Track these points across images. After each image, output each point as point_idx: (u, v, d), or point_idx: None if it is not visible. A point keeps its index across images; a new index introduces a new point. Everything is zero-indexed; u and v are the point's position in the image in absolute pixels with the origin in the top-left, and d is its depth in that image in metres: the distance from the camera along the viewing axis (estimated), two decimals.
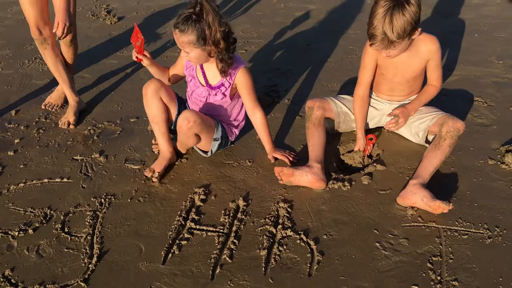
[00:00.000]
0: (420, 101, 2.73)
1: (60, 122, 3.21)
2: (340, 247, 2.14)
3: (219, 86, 2.64)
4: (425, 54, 2.62)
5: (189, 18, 2.36)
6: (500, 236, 2.15)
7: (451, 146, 2.48)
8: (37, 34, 3.00)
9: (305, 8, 5.16)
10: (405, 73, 2.68)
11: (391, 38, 2.33)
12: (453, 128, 2.48)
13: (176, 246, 2.20)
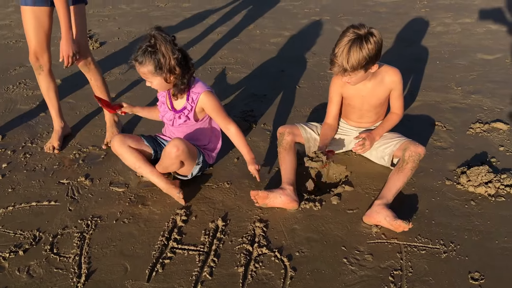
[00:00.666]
0: (383, 128, 2.97)
1: (45, 147, 3.35)
2: (311, 263, 2.34)
3: (182, 110, 2.82)
4: (389, 84, 2.88)
5: (145, 51, 2.58)
6: (454, 251, 2.38)
7: (413, 169, 2.72)
8: (34, 60, 3.17)
9: (280, 34, 5.44)
10: (371, 101, 2.93)
11: (346, 68, 2.59)
12: (415, 153, 2.72)
13: (160, 264, 2.36)
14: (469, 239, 2.45)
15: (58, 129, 3.42)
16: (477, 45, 4.92)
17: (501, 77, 4.18)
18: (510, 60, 4.51)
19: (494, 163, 3.02)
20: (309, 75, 4.39)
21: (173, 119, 2.86)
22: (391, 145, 2.90)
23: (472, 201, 2.71)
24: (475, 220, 2.57)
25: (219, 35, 5.51)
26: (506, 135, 3.32)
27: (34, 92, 4.23)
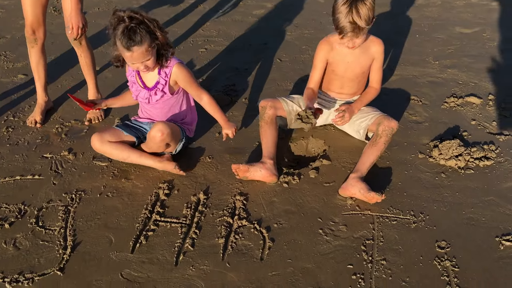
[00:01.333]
0: (362, 101, 3.06)
1: (28, 121, 3.37)
2: (288, 234, 2.46)
3: (155, 86, 2.84)
4: (372, 54, 2.97)
5: (135, 30, 2.52)
6: (423, 221, 2.52)
7: (386, 143, 2.83)
8: (30, 33, 3.17)
9: (263, 6, 5.43)
10: (355, 69, 3.00)
11: (362, 25, 2.68)
12: (388, 127, 2.82)
13: (143, 236, 2.46)
14: (438, 210, 2.58)
15: (42, 103, 3.43)
16: (456, 19, 4.99)
17: (477, 51, 4.28)
18: (487, 34, 4.60)
19: (466, 136, 3.14)
20: (291, 49, 4.42)
21: (149, 97, 2.87)
22: (366, 119, 2.99)
23: (443, 173, 2.84)
24: (445, 192, 2.71)
25: (202, 6, 5.48)
26: (478, 109, 3.44)
27: (14, 64, 4.21)
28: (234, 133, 2.97)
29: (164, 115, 2.95)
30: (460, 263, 2.27)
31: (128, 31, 2.52)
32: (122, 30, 2.52)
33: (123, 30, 2.52)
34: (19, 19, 5.14)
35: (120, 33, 2.53)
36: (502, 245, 2.36)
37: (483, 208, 2.59)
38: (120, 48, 2.57)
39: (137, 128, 3.00)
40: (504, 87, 3.70)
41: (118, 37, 2.54)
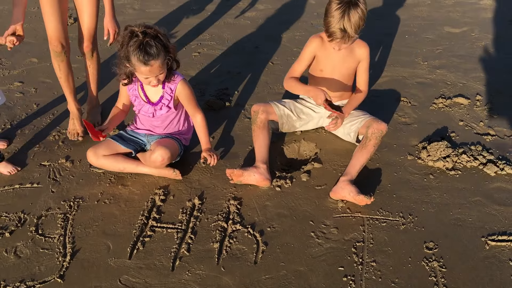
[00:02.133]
0: (351, 104, 3.14)
1: (69, 134, 3.34)
2: (281, 237, 2.54)
3: (159, 101, 2.89)
4: (358, 56, 3.05)
5: (151, 44, 2.54)
6: (412, 222, 2.60)
7: (375, 146, 2.90)
8: (59, 47, 3.09)
9: (255, 8, 5.49)
10: (342, 69, 3.08)
11: (351, 34, 2.77)
12: (377, 130, 2.90)
13: (140, 242, 2.53)
14: (426, 211, 2.67)
15: (78, 113, 3.40)
16: (445, 18, 5.07)
17: (465, 51, 4.36)
18: (475, 34, 4.68)
19: (454, 137, 3.23)
20: (282, 52, 4.49)
21: (153, 112, 2.92)
22: (356, 122, 3.07)
23: (431, 175, 2.92)
24: (433, 193, 2.79)
25: (193, 9, 5.54)
26: (466, 109, 3.52)
27: (10, 72, 4.26)
28: (215, 161, 2.97)
29: (164, 128, 3.01)
30: (447, 263, 2.36)
31: (144, 45, 2.53)
32: (138, 45, 2.53)
33: (139, 45, 2.53)
34: None
35: (135, 48, 2.54)
36: (488, 245, 2.45)
37: (469, 209, 2.67)
38: (136, 63, 2.58)
39: (134, 140, 3.04)
40: (491, 87, 3.79)
41: (134, 52, 2.55)
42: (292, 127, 3.27)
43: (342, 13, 2.74)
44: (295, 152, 3.23)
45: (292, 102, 3.23)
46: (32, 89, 3.96)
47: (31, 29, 5.12)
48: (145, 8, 5.62)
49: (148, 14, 5.40)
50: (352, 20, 2.74)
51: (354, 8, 2.74)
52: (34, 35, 4.97)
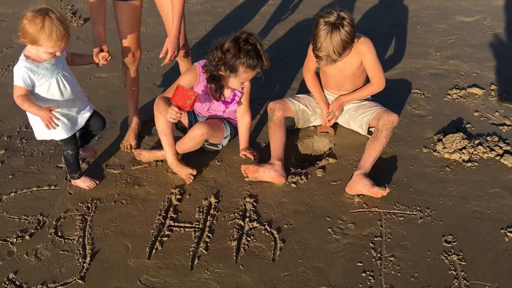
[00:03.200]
0: (352, 96, 3.13)
1: (122, 146, 3.27)
2: (298, 234, 2.54)
3: (233, 98, 3.00)
4: (359, 54, 2.95)
5: (254, 50, 2.69)
6: (429, 216, 2.59)
7: (387, 137, 2.88)
8: (130, 56, 3.10)
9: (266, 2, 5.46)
10: (345, 71, 3.03)
11: (334, 58, 2.73)
12: (388, 121, 2.87)
13: (159, 242, 2.55)
14: (444, 204, 2.65)
15: (136, 126, 3.36)
16: (456, 7, 5.00)
17: (478, 40, 4.31)
18: (488, 22, 4.61)
19: (469, 129, 3.20)
20: (295, 45, 4.47)
21: (225, 108, 3.03)
22: (368, 114, 3.05)
23: (447, 167, 2.90)
24: (450, 185, 2.77)
25: (201, 5, 5.52)
26: (481, 100, 3.49)
27: None
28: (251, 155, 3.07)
29: (226, 116, 3.14)
30: (466, 256, 2.35)
31: (252, 52, 2.68)
32: (247, 52, 2.67)
33: (247, 51, 2.67)
34: None
35: (244, 55, 2.66)
36: (507, 237, 2.44)
37: (487, 201, 2.65)
38: (242, 68, 2.70)
39: (193, 114, 3.12)
40: (505, 76, 3.74)
41: (243, 59, 2.67)
42: (307, 122, 3.27)
43: (325, 37, 2.68)
44: (309, 148, 3.22)
45: (307, 97, 3.23)
46: None
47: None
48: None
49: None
50: (335, 44, 2.68)
51: (337, 32, 2.67)
52: None
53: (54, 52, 2.44)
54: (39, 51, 2.42)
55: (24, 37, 2.38)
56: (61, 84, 2.58)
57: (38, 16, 2.33)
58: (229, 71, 2.74)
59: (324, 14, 2.73)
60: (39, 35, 2.33)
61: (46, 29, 2.33)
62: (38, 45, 2.37)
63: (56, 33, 2.35)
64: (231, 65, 2.71)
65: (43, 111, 2.50)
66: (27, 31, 2.35)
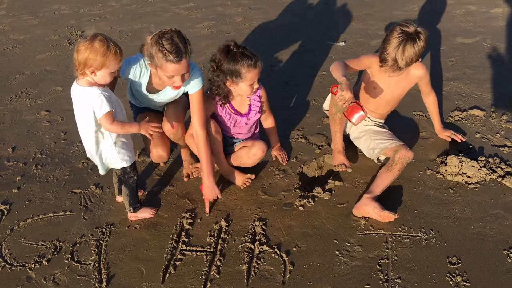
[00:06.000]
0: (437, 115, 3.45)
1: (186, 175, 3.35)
2: (307, 257, 2.62)
3: (250, 109, 3.12)
4: (414, 77, 3.11)
5: (249, 50, 2.83)
6: (434, 238, 2.66)
7: (400, 171, 2.94)
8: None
9: (267, 26, 5.61)
10: (395, 91, 3.14)
11: (400, 66, 2.84)
12: (405, 157, 2.93)
13: (172, 266, 2.63)
14: (448, 226, 2.73)
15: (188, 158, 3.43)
16: (457, 29, 5.13)
17: (478, 62, 4.42)
18: (487, 43, 4.73)
19: (471, 150, 3.29)
20: (297, 70, 4.59)
21: (247, 120, 3.15)
22: (386, 142, 3.08)
23: (451, 189, 2.98)
24: (453, 207, 2.85)
25: (208, 30, 5.68)
26: (482, 121, 3.58)
27: (36, 101, 4.43)
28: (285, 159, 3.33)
29: (249, 132, 3.25)
30: (471, 277, 2.42)
31: (247, 51, 2.79)
32: (242, 53, 2.78)
33: (242, 53, 2.78)
34: (36, 54, 5.40)
35: (241, 56, 2.77)
36: (510, 258, 2.50)
37: (490, 222, 2.73)
38: (244, 69, 2.78)
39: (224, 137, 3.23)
40: (506, 97, 3.84)
41: (242, 61, 2.76)
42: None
43: (399, 44, 2.79)
44: (316, 170, 3.32)
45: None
46: (58, 117, 4.12)
47: (53, 57, 5.31)
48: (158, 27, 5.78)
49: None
50: (406, 53, 2.79)
51: (411, 42, 2.78)
52: (57, 63, 5.16)
53: (116, 70, 2.50)
54: (104, 74, 2.45)
55: (90, 66, 2.40)
56: (121, 108, 2.64)
57: (96, 40, 2.37)
58: (234, 77, 2.82)
59: (403, 23, 2.84)
60: (107, 56, 2.38)
61: (111, 49, 2.38)
62: (105, 67, 2.42)
63: (118, 50, 2.43)
64: (233, 71, 2.79)
65: (142, 124, 2.60)
66: (93, 59, 2.37)
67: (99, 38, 2.38)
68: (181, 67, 2.59)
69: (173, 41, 2.54)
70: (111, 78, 2.52)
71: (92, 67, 2.40)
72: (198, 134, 2.92)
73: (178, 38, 2.57)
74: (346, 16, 5.78)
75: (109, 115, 2.49)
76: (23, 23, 6.50)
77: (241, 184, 3.16)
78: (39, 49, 5.55)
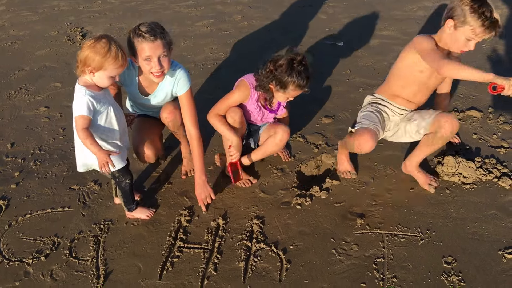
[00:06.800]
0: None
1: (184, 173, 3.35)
2: (303, 255, 2.64)
3: (279, 105, 3.18)
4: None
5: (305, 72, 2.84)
6: (430, 237, 2.68)
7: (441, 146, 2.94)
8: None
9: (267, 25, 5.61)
10: (438, 77, 2.91)
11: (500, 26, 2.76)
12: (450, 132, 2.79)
13: (169, 263, 2.65)
14: (444, 226, 2.75)
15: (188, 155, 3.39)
16: None
17: (477, 62, 4.43)
18: (486, 44, 4.74)
19: (468, 151, 3.30)
20: None
21: (274, 115, 3.21)
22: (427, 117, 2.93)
23: (447, 189, 3.00)
24: (449, 207, 2.87)
25: (207, 28, 5.69)
26: (479, 122, 3.60)
27: (36, 97, 4.44)
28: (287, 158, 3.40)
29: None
30: (466, 277, 2.44)
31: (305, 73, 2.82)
32: (300, 72, 2.80)
33: (300, 72, 2.80)
34: (35, 50, 5.40)
35: (297, 75, 2.79)
36: (505, 258, 2.53)
37: (486, 223, 2.75)
38: (292, 86, 2.83)
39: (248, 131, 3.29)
40: (503, 98, 3.81)
41: (294, 79, 2.79)
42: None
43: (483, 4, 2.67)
44: (313, 169, 3.33)
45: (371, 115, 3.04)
46: (57, 113, 4.13)
47: (53, 53, 5.31)
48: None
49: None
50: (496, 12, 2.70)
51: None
52: (56, 59, 5.16)
53: (116, 75, 2.50)
54: (102, 76, 2.45)
55: (88, 65, 2.40)
56: (116, 113, 2.62)
57: (100, 41, 2.38)
58: (279, 86, 2.87)
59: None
60: (106, 58, 2.38)
61: (112, 52, 2.38)
62: (103, 69, 2.42)
63: (121, 55, 2.42)
64: (282, 81, 2.84)
65: (103, 153, 2.50)
66: (92, 58, 2.37)
67: (103, 39, 2.40)
68: (155, 46, 2.64)
69: (149, 26, 2.66)
70: (109, 82, 2.53)
71: (90, 66, 2.41)
72: (191, 134, 2.98)
73: (155, 25, 2.69)
74: (345, 16, 5.79)
75: (82, 119, 2.44)
76: (22, 19, 6.49)
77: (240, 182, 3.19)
78: (38, 45, 5.55)
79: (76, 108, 2.47)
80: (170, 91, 2.97)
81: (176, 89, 2.95)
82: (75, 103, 2.48)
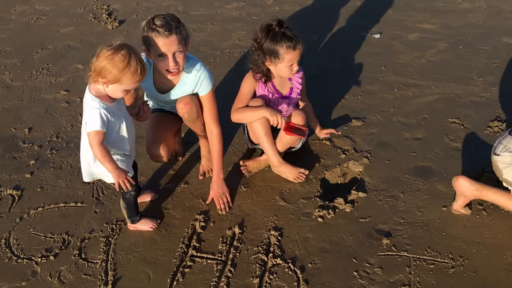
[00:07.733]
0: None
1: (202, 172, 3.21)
2: (322, 275, 2.46)
3: (291, 91, 3.04)
4: None
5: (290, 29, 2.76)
6: (462, 266, 2.47)
7: None
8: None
9: (300, 11, 5.34)
10: None
11: None
12: None
13: (180, 273, 2.51)
14: (478, 253, 2.53)
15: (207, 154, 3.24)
16: (503, 27, 4.75)
17: None
18: None
19: None
20: (327, 62, 4.35)
21: (288, 101, 3.05)
22: None
23: (484, 211, 2.76)
24: (485, 232, 2.64)
25: (237, 11, 5.45)
26: None
27: (57, 79, 4.33)
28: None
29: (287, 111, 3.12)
30: None
31: (289, 32, 2.72)
32: (283, 33, 2.71)
33: (283, 33, 2.71)
34: (60, 27, 5.28)
35: (281, 37, 2.70)
36: None
37: None
38: (283, 50, 2.71)
39: None
40: None
41: (281, 41, 2.70)
42: None
43: None
44: (339, 177, 3.13)
45: None
46: (77, 98, 4.02)
47: (77, 32, 5.18)
48: (186, 8, 5.60)
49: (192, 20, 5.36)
50: None
51: None
52: (80, 39, 5.03)
53: (131, 90, 2.37)
54: (116, 90, 2.31)
55: (103, 77, 2.25)
56: (128, 125, 2.48)
57: (119, 53, 2.22)
58: (272, 57, 2.75)
59: None
60: (124, 73, 2.23)
61: (131, 67, 2.23)
62: (119, 83, 2.27)
63: (140, 70, 2.28)
64: (271, 51, 2.73)
65: (121, 172, 2.39)
66: (109, 71, 2.22)
67: (122, 52, 2.23)
68: (170, 42, 2.53)
69: (164, 19, 2.55)
70: (123, 95, 2.38)
71: (105, 78, 2.25)
72: (212, 131, 2.89)
73: (170, 18, 2.57)
74: (383, 5, 5.44)
75: (97, 135, 2.31)
76: None
77: (294, 178, 3.03)
78: (63, 22, 5.41)
79: (90, 122, 2.32)
80: (191, 91, 2.82)
81: (198, 90, 2.82)
82: (89, 117, 2.32)
